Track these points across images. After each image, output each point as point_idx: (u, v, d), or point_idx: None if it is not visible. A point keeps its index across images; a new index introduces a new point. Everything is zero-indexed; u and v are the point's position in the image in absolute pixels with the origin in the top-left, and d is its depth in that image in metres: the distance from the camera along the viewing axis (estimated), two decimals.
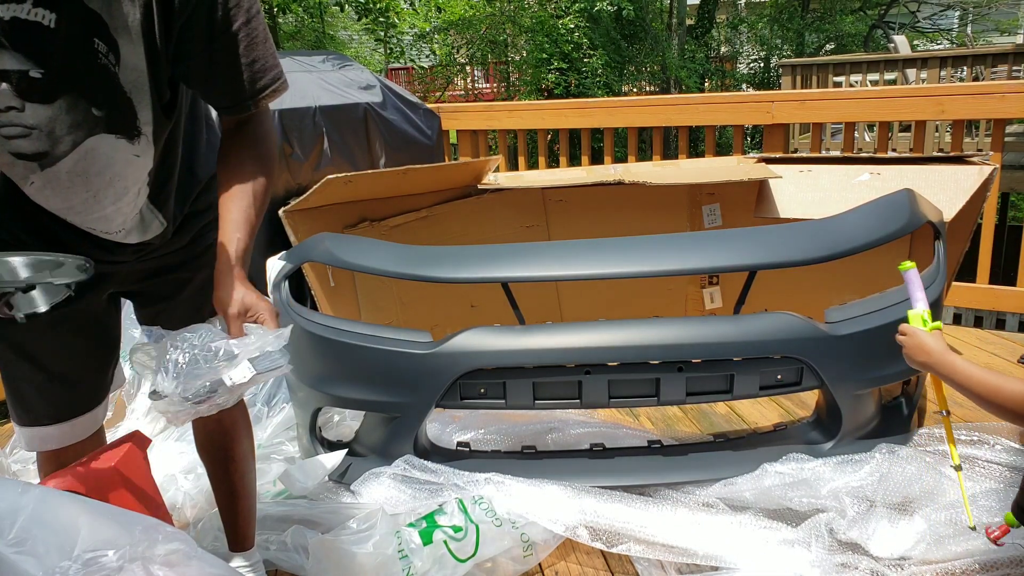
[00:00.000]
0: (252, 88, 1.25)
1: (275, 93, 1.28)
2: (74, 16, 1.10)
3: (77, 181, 1.25)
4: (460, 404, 2.09)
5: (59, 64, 1.13)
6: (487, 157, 3.80)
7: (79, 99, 1.18)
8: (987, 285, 3.43)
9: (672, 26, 15.46)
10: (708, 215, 3.39)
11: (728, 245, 2.17)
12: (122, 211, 1.32)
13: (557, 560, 1.88)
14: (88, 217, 1.30)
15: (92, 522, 1.17)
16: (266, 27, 1.24)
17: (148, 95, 1.22)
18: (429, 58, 14.88)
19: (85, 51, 1.14)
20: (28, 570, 1.08)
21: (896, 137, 6.68)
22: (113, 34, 1.14)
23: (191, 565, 1.20)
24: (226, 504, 1.73)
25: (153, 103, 1.23)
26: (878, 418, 2.22)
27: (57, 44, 1.11)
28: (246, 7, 1.20)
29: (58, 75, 1.14)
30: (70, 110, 1.18)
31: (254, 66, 1.23)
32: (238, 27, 1.19)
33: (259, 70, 1.24)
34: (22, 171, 1.22)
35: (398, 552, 1.69)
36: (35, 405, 1.46)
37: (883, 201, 2.21)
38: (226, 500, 1.73)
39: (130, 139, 1.25)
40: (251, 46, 1.22)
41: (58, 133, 1.19)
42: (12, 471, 2.28)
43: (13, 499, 1.15)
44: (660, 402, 2.07)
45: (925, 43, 17.15)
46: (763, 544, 1.81)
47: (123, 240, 1.36)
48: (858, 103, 3.53)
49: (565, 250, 2.21)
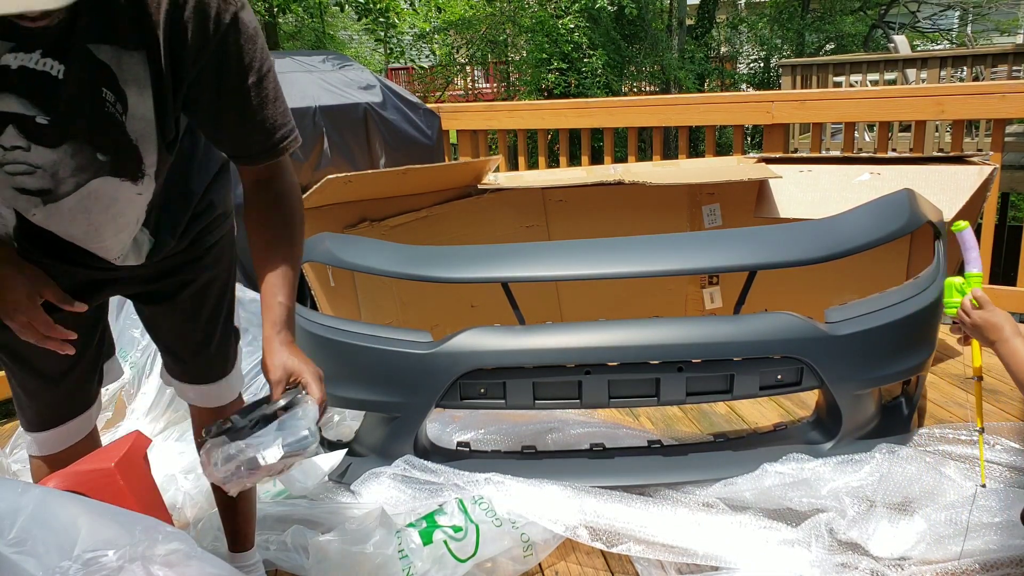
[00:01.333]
0: (262, 146, 1.24)
1: (284, 151, 1.27)
2: (83, 67, 1.10)
3: (79, 216, 1.25)
4: (460, 404, 2.09)
5: (65, 112, 1.13)
6: (487, 157, 3.80)
7: (84, 145, 1.17)
8: (987, 285, 3.43)
9: (672, 26, 15.46)
10: (708, 215, 3.39)
11: (728, 245, 2.17)
12: (122, 240, 1.33)
13: (557, 560, 1.88)
14: (89, 245, 1.30)
15: (92, 522, 1.17)
16: (277, 86, 1.23)
17: (155, 142, 1.22)
18: (429, 58, 14.89)
19: (92, 101, 1.13)
20: (28, 570, 1.08)
21: (896, 137, 6.68)
22: (122, 85, 1.14)
23: (191, 565, 1.20)
24: (225, 505, 1.73)
25: (159, 147, 1.23)
26: (878, 418, 2.22)
27: (65, 93, 1.11)
28: (258, 66, 1.18)
29: (64, 122, 1.14)
30: (75, 155, 1.18)
31: (264, 124, 1.22)
32: (249, 86, 1.18)
33: (269, 128, 1.23)
34: (25, 204, 1.22)
35: (398, 552, 1.69)
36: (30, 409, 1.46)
37: (883, 201, 2.21)
38: (225, 501, 1.73)
39: (134, 181, 1.25)
40: (262, 104, 1.21)
41: (62, 175, 1.19)
42: (12, 471, 2.28)
43: (13, 499, 1.15)
44: (660, 402, 2.07)
45: (925, 43, 17.16)
46: (763, 544, 1.81)
47: (122, 263, 1.37)
48: (858, 103, 3.53)
49: (565, 250, 2.21)
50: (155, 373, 2.59)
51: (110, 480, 1.53)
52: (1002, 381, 2.79)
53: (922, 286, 2.16)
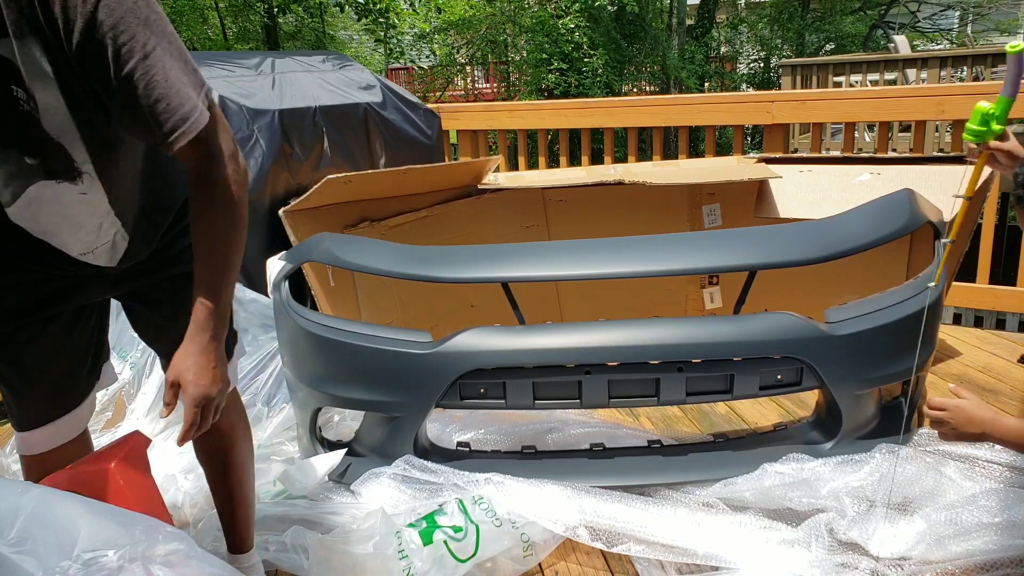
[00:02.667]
0: (160, 131, 1.13)
1: (184, 136, 1.14)
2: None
3: (30, 223, 1.23)
4: (460, 404, 2.09)
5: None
6: (487, 157, 3.80)
7: (8, 149, 1.13)
8: (987, 285, 3.43)
9: (672, 26, 15.46)
10: (708, 215, 3.39)
11: (728, 245, 2.17)
12: (83, 240, 1.30)
13: (557, 560, 1.88)
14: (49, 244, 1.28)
15: (92, 522, 1.17)
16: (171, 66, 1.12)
17: (78, 136, 1.16)
18: (429, 58, 14.89)
19: (5, 101, 1.08)
20: (28, 570, 1.08)
21: (896, 137, 6.68)
22: (27, 80, 1.08)
23: (191, 565, 1.20)
24: (224, 508, 1.73)
25: (86, 142, 1.18)
26: (878, 418, 2.22)
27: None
28: (140, 44, 1.08)
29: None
30: (3, 163, 1.14)
31: (157, 107, 1.11)
32: (132, 66, 1.08)
33: (163, 111, 1.12)
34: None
35: (398, 552, 1.69)
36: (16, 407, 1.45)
37: (883, 201, 2.21)
38: (224, 504, 1.72)
39: (72, 181, 1.20)
40: (151, 86, 1.10)
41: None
42: (12, 471, 2.28)
43: (13, 499, 1.15)
44: (660, 402, 2.06)
45: (925, 43, 17.16)
46: (763, 544, 1.81)
47: (92, 262, 1.35)
48: (858, 103, 3.53)
49: (565, 250, 2.21)
50: (155, 373, 2.59)
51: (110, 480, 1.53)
52: (1002, 381, 2.79)
53: (921, 286, 2.16)
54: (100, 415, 2.51)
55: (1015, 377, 2.82)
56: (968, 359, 3.03)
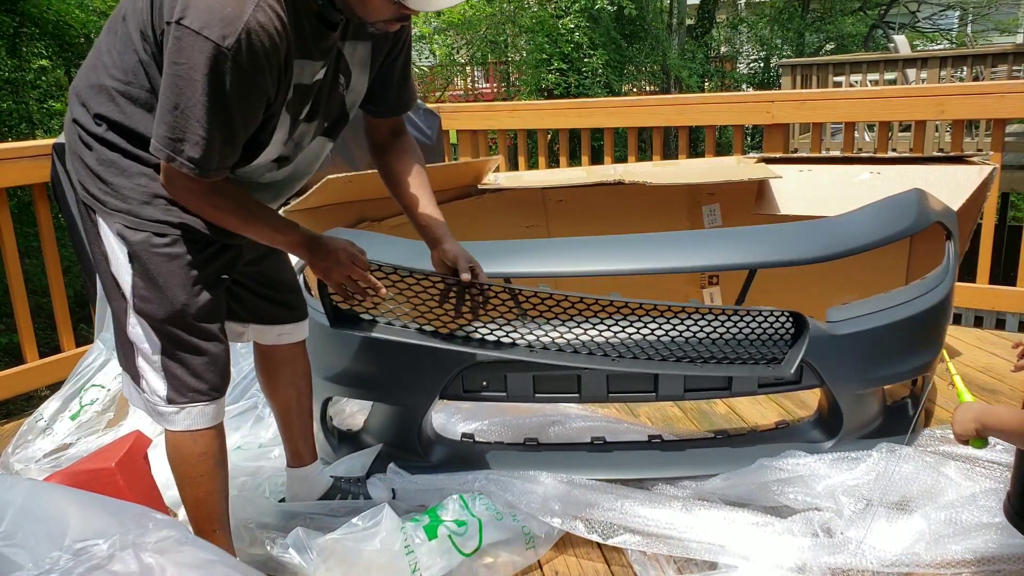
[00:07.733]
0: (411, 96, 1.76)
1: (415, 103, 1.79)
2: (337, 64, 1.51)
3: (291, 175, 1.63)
4: (463, 396, 2.13)
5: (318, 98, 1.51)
6: (487, 157, 3.81)
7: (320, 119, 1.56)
8: (987, 285, 3.43)
9: (672, 26, 15.46)
10: (708, 215, 3.39)
11: (729, 244, 2.17)
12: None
13: (556, 555, 1.88)
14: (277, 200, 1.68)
15: (82, 513, 1.17)
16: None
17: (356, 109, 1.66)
18: (429, 59, 14.87)
19: (335, 84, 1.54)
20: (19, 562, 1.09)
21: (896, 137, 6.68)
22: (349, 66, 1.55)
23: (183, 551, 1.21)
24: (285, 423, 1.94)
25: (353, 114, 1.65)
26: (881, 418, 2.22)
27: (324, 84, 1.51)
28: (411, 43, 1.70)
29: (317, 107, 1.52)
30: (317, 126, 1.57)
31: (411, 83, 1.75)
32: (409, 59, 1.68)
33: (412, 87, 1.76)
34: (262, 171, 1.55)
35: (404, 548, 1.70)
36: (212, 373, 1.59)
37: (889, 201, 2.21)
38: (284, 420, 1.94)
39: (332, 139, 1.66)
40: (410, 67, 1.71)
41: (304, 144, 1.57)
42: (15, 470, 2.28)
43: (1, 494, 1.15)
44: (658, 397, 2.08)
45: (925, 43, 17.17)
46: (760, 540, 1.81)
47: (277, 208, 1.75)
48: (858, 103, 3.53)
49: (565, 247, 2.22)
50: None
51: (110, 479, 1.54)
52: (1002, 381, 2.79)
53: (928, 287, 2.15)
54: (101, 415, 2.51)
55: (1015, 377, 2.82)
56: (968, 359, 3.03)
